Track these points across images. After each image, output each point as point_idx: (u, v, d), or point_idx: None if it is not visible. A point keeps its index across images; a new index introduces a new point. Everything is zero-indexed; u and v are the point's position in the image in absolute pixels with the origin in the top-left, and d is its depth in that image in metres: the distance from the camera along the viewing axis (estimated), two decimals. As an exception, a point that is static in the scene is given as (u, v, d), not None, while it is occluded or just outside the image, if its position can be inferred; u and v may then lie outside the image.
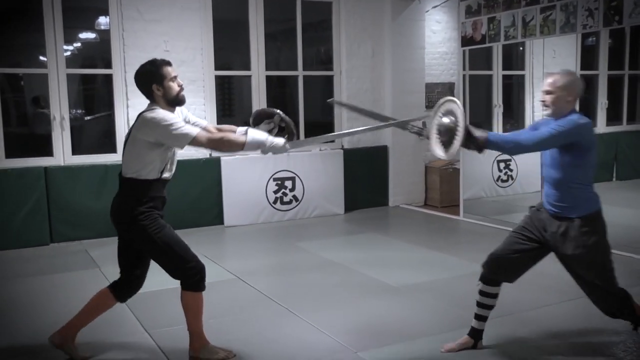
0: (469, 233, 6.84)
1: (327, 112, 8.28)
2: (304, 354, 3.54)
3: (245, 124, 8.13)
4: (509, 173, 8.96)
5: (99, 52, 7.52)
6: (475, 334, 3.50)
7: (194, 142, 3.13)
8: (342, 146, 8.03)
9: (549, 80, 3.17)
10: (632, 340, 3.63)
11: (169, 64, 3.35)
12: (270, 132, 3.33)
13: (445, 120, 3.16)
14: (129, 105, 6.73)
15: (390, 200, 8.31)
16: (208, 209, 7.06)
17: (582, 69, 9.55)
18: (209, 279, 5.09)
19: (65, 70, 6.50)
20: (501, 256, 3.39)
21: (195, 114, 7.04)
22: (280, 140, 3.21)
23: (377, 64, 8.16)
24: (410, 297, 4.49)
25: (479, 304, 3.48)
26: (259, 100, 7.48)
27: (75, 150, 6.65)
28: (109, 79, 6.80)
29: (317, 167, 7.59)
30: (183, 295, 3.33)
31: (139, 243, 3.35)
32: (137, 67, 6.89)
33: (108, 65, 6.79)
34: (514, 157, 8.88)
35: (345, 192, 7.83)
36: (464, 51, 7.39)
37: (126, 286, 3.52)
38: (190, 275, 3.28)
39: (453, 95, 8.82)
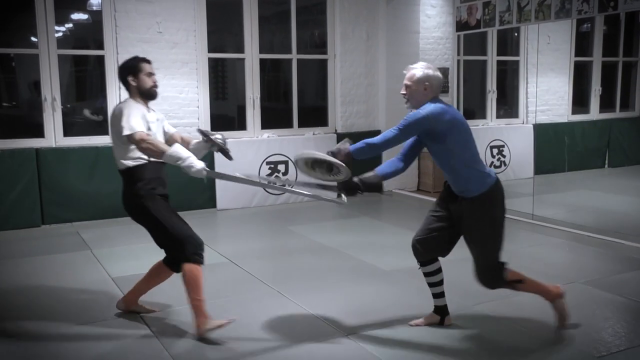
0: (461, 218, 6.85)
1: (321, 96, 8.26)
2: (296, 336, 3.55)
3: (239, 107, 8.10)
4: (502, 159, 8.99)
5: (91, 33, 7.44)
6: (440, 311, 3.63)
7: (133, 138, 3.35)
8: (336, 130, 8.01)
9: (407, 74, 3.33)
10: (620, 325, 3.66)
11: (148, 62, 3.63)
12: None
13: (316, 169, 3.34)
14: (121, 86, 6.65)
15: (383, 185, 8.30)
16: (201, 192, 7.04)
17: (576, 55, 9.55)
18: (200, 261, 5.08)
19: (57, 51, 6.44)
20: (423, 237, 3.51)
21: (188, 97, 7.07)
22: (199, 164, 3.29)
23: (371, 48, 8.12)
24: (401, 281, 4.50)
25: (429, 284, 3.62)
26: (252, 83, 7.43)
27: (67, 132, 6.61)
28: (100, 60, 6.73)
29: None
30: (182, 270, 3.48)
31: (142, 223, 3.60)
32: (129, 48, 6.90)
33: (100, 46, 6.73)
34: (506, 143, 8.93)
35: (338, 177, 7.81)
36: (458, 36, 7.36)
37: (173, 259, 3.65)
38: (186, 249, 3.46)
39: (447, 81, 8.83)
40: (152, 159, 3.48)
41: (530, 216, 6.52)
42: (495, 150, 8.94)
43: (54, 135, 6.50)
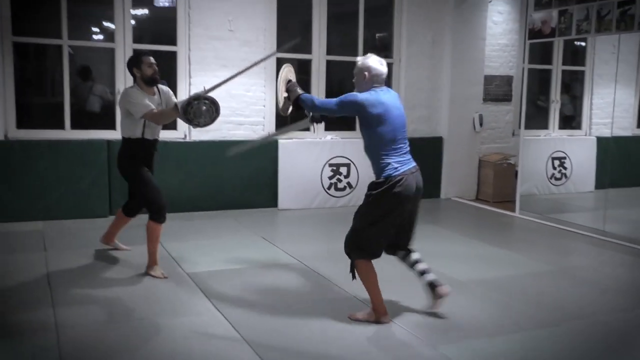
0: (526, 230, 6.72)
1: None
2: (379, 343, 3.51)
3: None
4: (564, 171, 8.79)
5: (160, 29, 7.54)
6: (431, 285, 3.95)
7: (146, 117, 4.35)
8: (397, 135, 7.94)
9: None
10: None
11: (147, 54, 4.53)
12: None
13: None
14: (191, 83, 6.72)
15: (442, 192, 8.20)
16: (263, 191, 7.06)
17: (642, 66, 9.28)
18: (270, 260, 5.13)
19: (132, 45, 6.52)
20: None
21: (255, 96, 7.11)
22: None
23: (436, 53, 8.03)
24: (479, 293, 4.42)
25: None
26: (317, 84, 7.42)
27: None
28: (172, 55, 6.80)
29: (372, 155, 7.51)
30: (147, 224, 4.64)
31: (128, 181, 4.78)
32: (201, 45, 6.95)
33: (170, 42, 6.80)
34: (567, 154, 8.75)
35: (398, 182, 7.74)
36: (527, 44, 7.21)
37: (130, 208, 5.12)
38: (153, 209, 4.60)
39: (511, 90, 8.70)
40: (145, 137, 4.51)
41: (593, 230, 6.36)
42: (556, 162, 8.75)
43: (124, 128, 6.59)
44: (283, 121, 7.49)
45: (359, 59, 3.78)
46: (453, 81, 8.04)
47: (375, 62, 3.69)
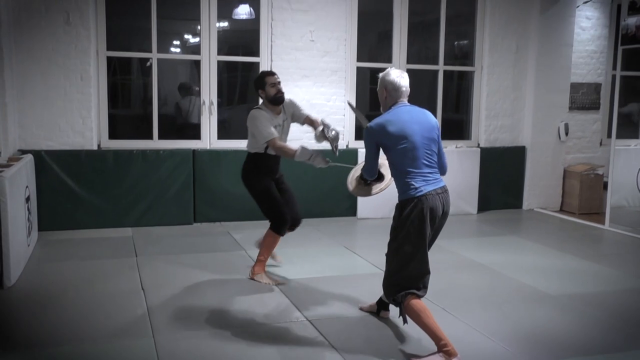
0: (618, 244, 6.41)
1: (463, 110, 8.05)
2: (473, 357, 3.42)
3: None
4: (656, 182, 8.34)
5: (241, 41, 7.71)
6: (382, 304, 3.99)
7: (269, 144, 4.43)
8: (479, 144, 7.78)
9: None
10: None
11: (271, 74, 4.60)
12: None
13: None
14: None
15: (524, 203, 7.96)
16: (342, 200, 7.06)
17: None
18: (356, 270, 5.11)
19: (216, 57, 6.70)
20: None
21: (335, 105, 7.13)
22: (321, 162, 4.44)
23: (520, 60, 7.82)
24: (574, 309, 4.23)
25: None
26: (397, 94, 7.37)
27: (220, 135, 6.87)
28: (254, 67, 6.94)
29: (453, 165, 7.32)
30: (267, 231, 4.64)
31: (251, 193, 4.69)
32: (283, 55, 7.06)
33: (249, 53, 6.94)
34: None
35: (479, 192, 7.58)
36: (619, 50, 6.91)
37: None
38: (275, 220, 4.58)
39: (599, 98, 8.35)
40: (268, 152, 4.52)
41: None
42: (648, 173, 8.31)
43: (209, 138, 6.77)
44: (361, 132, 7.50)
45: (380, 74, 3.60)
46: (537, 89, 7.80)
47: (393, 77, 3.51)
